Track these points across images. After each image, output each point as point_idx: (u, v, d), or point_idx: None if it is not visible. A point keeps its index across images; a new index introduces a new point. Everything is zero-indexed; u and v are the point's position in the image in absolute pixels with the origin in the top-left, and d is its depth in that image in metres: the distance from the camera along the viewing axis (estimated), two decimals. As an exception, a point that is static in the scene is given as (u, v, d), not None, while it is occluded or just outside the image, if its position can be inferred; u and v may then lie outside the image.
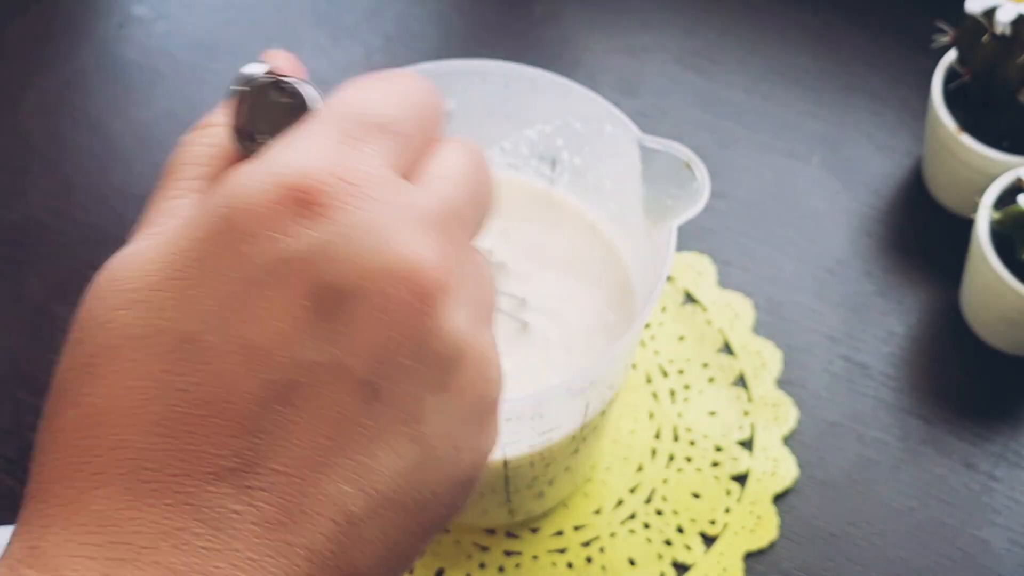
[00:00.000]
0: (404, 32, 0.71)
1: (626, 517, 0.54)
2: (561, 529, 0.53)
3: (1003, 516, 0.54)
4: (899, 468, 0.55)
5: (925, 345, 0.59)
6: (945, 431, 0.56)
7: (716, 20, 0.71)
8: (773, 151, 0.65)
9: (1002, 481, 0.54)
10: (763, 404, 0.56)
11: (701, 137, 0.66)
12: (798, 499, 0.54)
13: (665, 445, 0.55)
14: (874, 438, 0.56)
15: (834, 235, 0.62)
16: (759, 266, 0.61)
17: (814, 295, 0.60)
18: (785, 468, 0.55)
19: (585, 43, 0.70)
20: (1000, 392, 0.57)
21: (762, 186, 0.64)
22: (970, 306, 0.58)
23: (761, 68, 0.69)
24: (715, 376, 0.57)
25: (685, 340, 0.58)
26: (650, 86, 0.68)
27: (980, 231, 0.54)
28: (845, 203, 0.63)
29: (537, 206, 0.51)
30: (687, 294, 0.60)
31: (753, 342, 0.58)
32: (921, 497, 0.54)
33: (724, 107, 0.67)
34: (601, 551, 0.53)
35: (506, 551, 0.53)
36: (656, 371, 0.57)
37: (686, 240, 0.61)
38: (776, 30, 0.70)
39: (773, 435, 0.56)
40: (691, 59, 0.69)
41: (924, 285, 0.60)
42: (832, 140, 0.66)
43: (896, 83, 0.67)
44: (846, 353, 0.58)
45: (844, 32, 0.70)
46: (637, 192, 0.45)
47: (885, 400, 0.57)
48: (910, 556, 0.53)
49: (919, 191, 0.63)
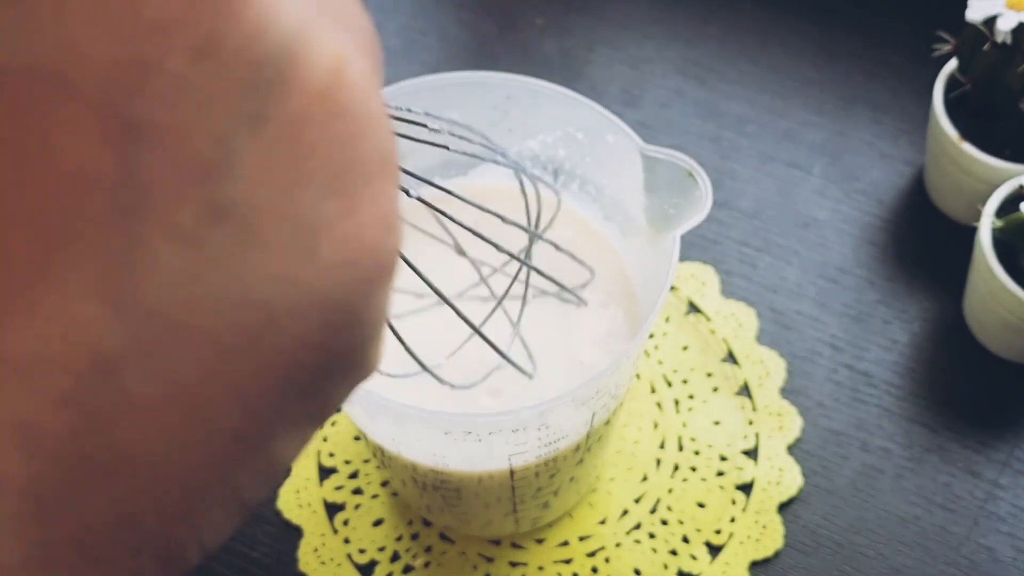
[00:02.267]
0: (406, 45, 0.71)
1: (631, 527, 0.54)
2: (566, 539, 0.53)
3: (1008, 524, 0.54)
4: (903, 476, 0.55)
5: (928, 353, 0.59)
6: (949, 439, 0.56)
7: (717, 31, 0.71)
8: (775, 161, 0.66)
9: (1007, 489, 0.54)
10: (767, 413, 0.56)
11: (703, 147, 0.66)
12: (803, 508, 0.54)
13: (670, 455, 0.55)
14: (878, 447, 0.56)
15: (836, 244, 0.62)
16: (762, 275, 0.61)
17: (817, 304, 0.60)
18: (790, 477, 0.55)
19: (586, 55, 0.70)
20: (1004, 400, 0.57)
21: (764, 196, 0.64)
22: (973, 314, 0.58)
23: (762, 78, 0.69)
24: (719, 385, 0.57)
25: (689, 350, 0.59)
26: (651, 97, 0.68)
27: (982, 239, 0.54)
28: (847, 212, 0.63)
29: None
30: (691, 304, 0.60)
31: (757, 351, 0.58)
32: (926, 505, 0.54)
33: (725, 117, 0.67)
34: (607, 561, 0.53)
35: (511, 562, 0.53)
36: (660, 381, 0.57)
37: (689, 250, 0.61)
38: (777, 40, 0.70)
39: (778, 444, 0.56)
40: (692, 70, 0.69)
41: (927, 293, 0.60)
42: (834, 149, 0.66)
43: (897, 92, 0.68)
44: (849, 362, 0.58)
45: (845, 42, 0.70)
46: (640, 202, 0.45)
47: (889, 409, 0.57)
48: (915, 564, 0.53)
49: (921, 200, 0.64)
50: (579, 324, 0.49)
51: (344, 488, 0.55)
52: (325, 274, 0.17)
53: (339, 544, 0.53)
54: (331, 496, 0.55)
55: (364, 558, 0.53)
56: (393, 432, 0.44)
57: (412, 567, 0.53)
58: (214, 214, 0.15)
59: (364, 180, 0.17)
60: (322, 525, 0.54)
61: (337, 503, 0.55)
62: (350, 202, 0.17)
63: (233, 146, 0.15)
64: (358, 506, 0.54)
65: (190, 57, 0.15)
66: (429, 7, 0.73)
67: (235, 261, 0.16)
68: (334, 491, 0.55)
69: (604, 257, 0.50)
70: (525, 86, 0.47)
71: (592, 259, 0.50)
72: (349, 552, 0.53)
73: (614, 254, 0.50)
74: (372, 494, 0.55)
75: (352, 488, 0.55)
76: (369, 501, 0.55)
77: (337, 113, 0.17)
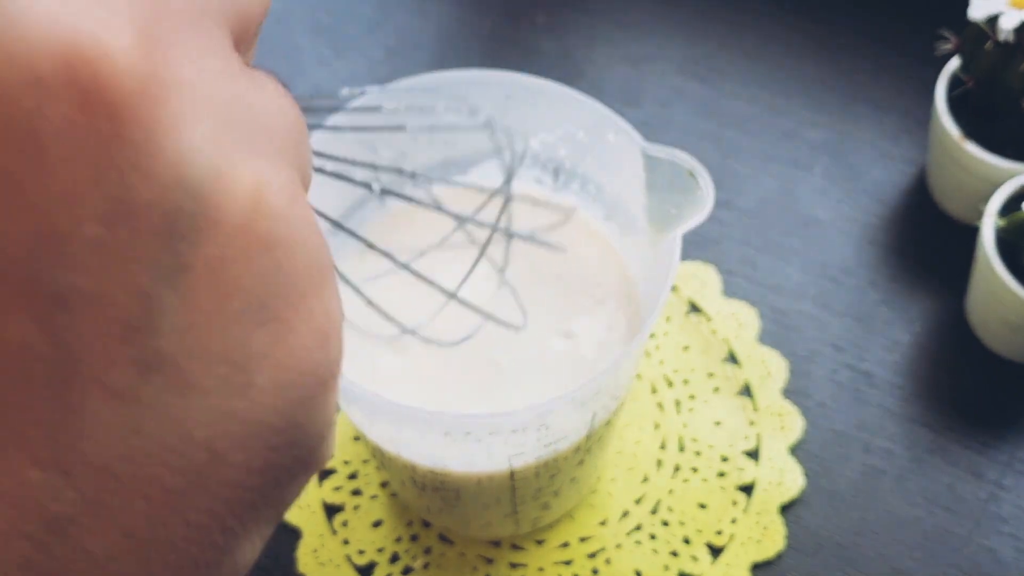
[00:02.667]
0: (406, 43, 0.71)
1: (632, 528, 0.53)
2: (567, 541, 0.53)
3: (1011, 525, 0.53)
4: (906, 477, 0.55)
5: (931, 353, 0.58)
6: (951, 440, 0.56)
7: (718, 29, 0.71)
8: (776, 160, 0.65)
9: (1009, 490, 0.54)
10: (769, 414, 0.56)
11: (704, 146, 0.66)
12: (805, 509, 0.54)
13: (671, 455, 0.55)
14: (880, 447, 0.55)
15: (838, 244, 0.62)
16: (763, 275, 0.61)
17: (819, 304, 0.60)
18: (791, 478, 0.54)
19: (587, 53, 0.70)
20: (1007, 400, 0.57)
21: (766, 195, 0.64)
22: (976, 314, 0.58)
23: (764, 77, 0.69)
24: (720, 386, 0.57)
25: (690, 350, 0.58)
26: (652, 95, 0.68)
27: (985, 238, 0.54)
28: (849, 212, 0.63)
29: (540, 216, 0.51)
30: (692, 304, 0.60)
31: (758, 351, 0.58)
32: (928, 506, 0.54)
33: (727, 116, 0.67)
34: (607, 563, 0.53)
35: (511, 563, 0.53)
36: (661, 381, 0.57)
37: (690, 250, 0.61)
38: (778, 39, 0.70)
39: (779, 445, 0.55)
40: (693, 68, 0.69)
41: (929, 293, 0.60)
42: (835, 149, 0.66)
43: (899, 91, 0.67)
44: (851, 362, 0.58)
45: (847, 41, 0.70)
46: (641, 201, 0.45)
47: (891, 409, 0.57)
48: (917, 566, 0.52)
49: (923, 199, 0.63)
50: (579, 324, 0.48)
51: (343, 489, 0.55)
52: (264, 402, 0.17)
53: (338, 545, 0.53)
54: (330, 497, 0.54)
55: (363, 559, 0.53)
56: (392, 433, 0.44)
57: (411, 568, 0.52)
58: (146, 369, 0.16)
59: (295, 299, 0.17)
60: (321, 526, 0.54)
61: (336, 504, 0.54)
62: (282, 326, 0.17)
63: (157, 301, 0.16)
64: (357, 507, 0.54)
65: (103, 222, 0.15)
66: (429, 5, 0.73)
67: (172, 408, 0.16)
68: (333, 492, 0.55)
69: (605, 257, 0.50)
70: (525, 85, 0.47)
71: (592, 259, 0.50)
72: (348, 553, 0.53)
73: (615, 254, 0.50)
74: (371, 495, 0.54)
75: (351, 489, 0.55)
76: (368, 502, 0.54)
77: (260, 244, 0.17)
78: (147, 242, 0.15)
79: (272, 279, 0.17)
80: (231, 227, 0.16)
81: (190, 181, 0.15)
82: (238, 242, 0.16)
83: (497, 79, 0.47)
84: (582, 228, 0.50)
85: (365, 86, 0.44)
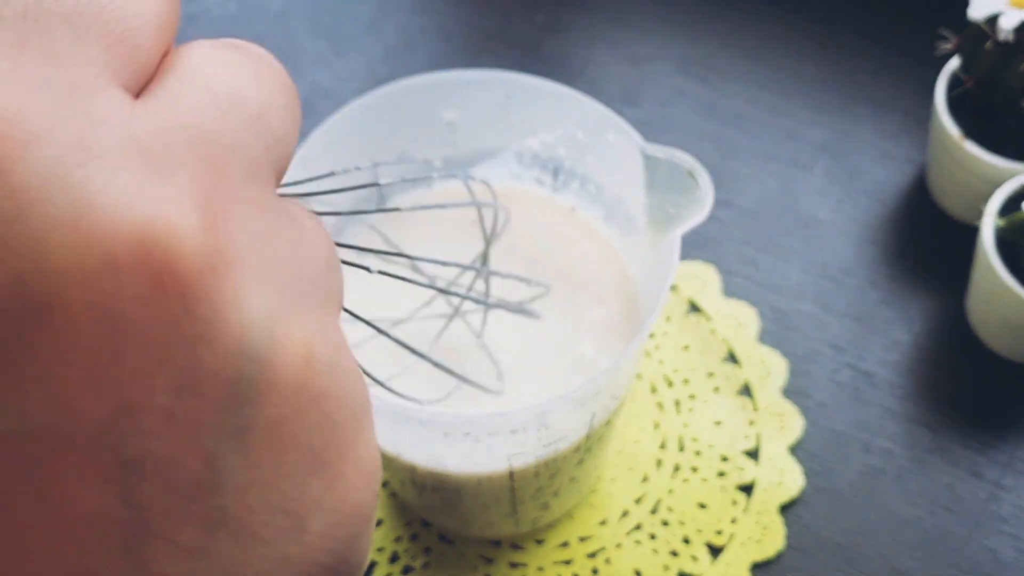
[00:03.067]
0: (405, 42, 0.71)
1: (632, 528, 0.53)
2: (566, 540, 0.53)
3: (1011, 524, 0.53)
4: (906, 477, 0.55)
5: (931, 353, 0.58)
6: (951, 439, 0.56)
7: (718, 29, 0.71)
8: (776, 160, 0.65)
9: (1009, 489, 0.54)
10: (769, 413, 0.56)
11: (703, 146, 0.66)
12: (805, 509, 0.54)
13: (671, 455, 0.55)
14: (880, 447, 0.55)
15: (838, 244, 0.62)
16: (763, 275, 0.61)
17: (819, 304, 0.60)
18: (791, 478, 0.54)
19: (587, 53, 0.70)
20: (1007, 400, 0.57)
21: (765, 195, 0.64)
22: (976, 313, 0.58)
23: (763, 77, 0.69)
24: (720, 386, 0.57)
25: (690, 350, 0.58)
26: (652, 95, 0.68)
27: (985, 238, 0.54)
28: (849, 211, 0.63)
29: (540, 215, 0.51)
30: (691, 303, 0.60)
31: (758, 351, 0.58)
32: (928, 506, 0.54)
33: (726, 116, 0.67)
34: (607, 562, 0.53)
35: (511, 563, 0.53)
36: (661, 381, 0.57)
37: (690, 249, 0.61)
38: (778, 39, 0.70)
39: (779, 445, 0.55)
40: (693, 68, 0.69)
41: (929, 293, 0.60)
42: (835, 148, 0.65)
43: (899, 91, 0.67)
44: (851, 362, 0.58)
45: (846, 40, 0.70)
46: (640, 201, 0.45)
47: (891, 409, 0.57)
48: (917, 566, 0.52)
49: (923, 199, 0.63)
50: (579, 324, 0.48)
51: (343, 489, 0.55)
52: (316, 544, 0.18)
53: (338, 545, 0.53)
54: (330, 497, 0.54)
55: (363, 559, 0.53)
56: (392, 433, 0.44)
57: (411, 568, 0.52)
58: (211, 525, 0.17)
59: (344, 447, 0.18)
60: (321, 526, 0.54)
61: (336, 504, 0.54)
62: (332, 472, 0.18)
63: (221, 461, 0.17)
64: (357, 507, 0.54)
65: (174, 392, 0.16)
66: (429, 4, 0.73)
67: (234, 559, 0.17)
68: (333, 492, 0.55)
69: (604, 256, 0.50)
70: (525, 84, 0.47)
71: (592, 258, 0.50)
72: (348, 553, 0.53)
73: (614, 253, 0.50)
74: (371, 495, 0.54)
75: (351, 489, 0.55)
76: (368, 502, 0.54)
77: (312, 398, 0.18)
78: (212, 408, 0.16)
79: (324, 430, 0.18)
80: (287, 387, 0.17)
81: (250, 348, 0.17)
82: (294, 400, 0.17)
83: (497, 79, 0.47)
84: (582, 228, 0.50)
85: (358, 164, 0.44)
